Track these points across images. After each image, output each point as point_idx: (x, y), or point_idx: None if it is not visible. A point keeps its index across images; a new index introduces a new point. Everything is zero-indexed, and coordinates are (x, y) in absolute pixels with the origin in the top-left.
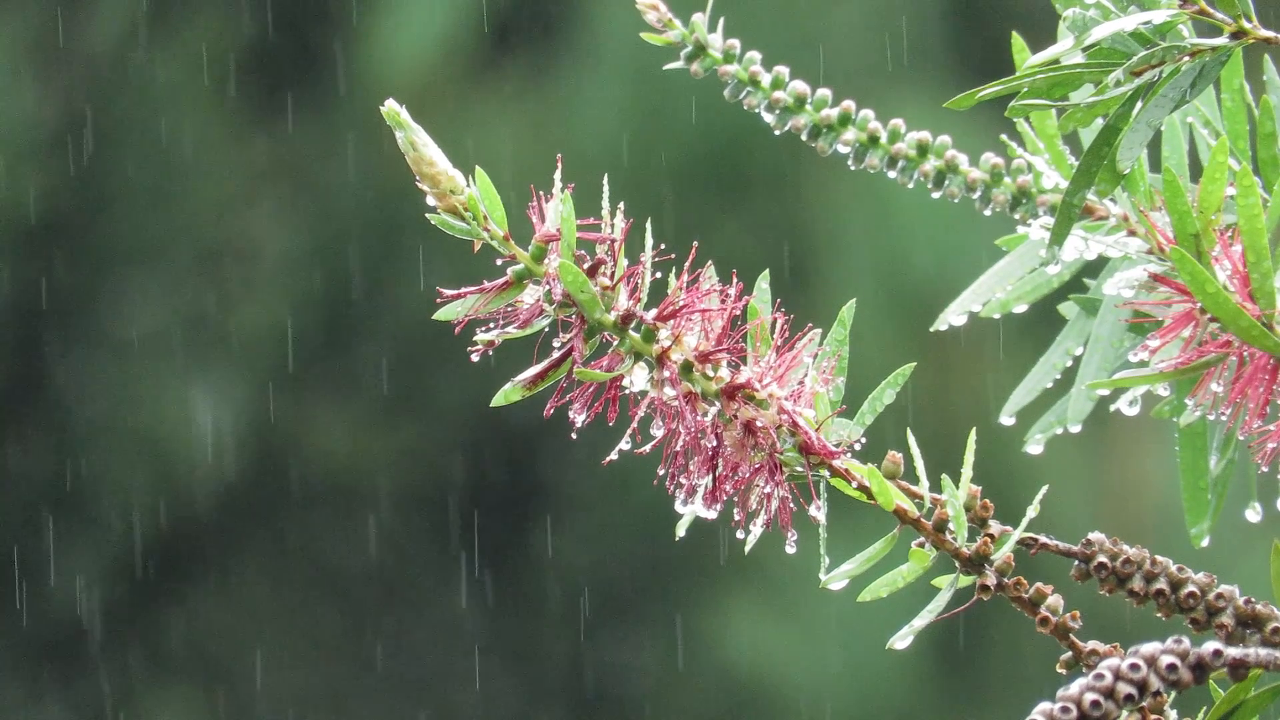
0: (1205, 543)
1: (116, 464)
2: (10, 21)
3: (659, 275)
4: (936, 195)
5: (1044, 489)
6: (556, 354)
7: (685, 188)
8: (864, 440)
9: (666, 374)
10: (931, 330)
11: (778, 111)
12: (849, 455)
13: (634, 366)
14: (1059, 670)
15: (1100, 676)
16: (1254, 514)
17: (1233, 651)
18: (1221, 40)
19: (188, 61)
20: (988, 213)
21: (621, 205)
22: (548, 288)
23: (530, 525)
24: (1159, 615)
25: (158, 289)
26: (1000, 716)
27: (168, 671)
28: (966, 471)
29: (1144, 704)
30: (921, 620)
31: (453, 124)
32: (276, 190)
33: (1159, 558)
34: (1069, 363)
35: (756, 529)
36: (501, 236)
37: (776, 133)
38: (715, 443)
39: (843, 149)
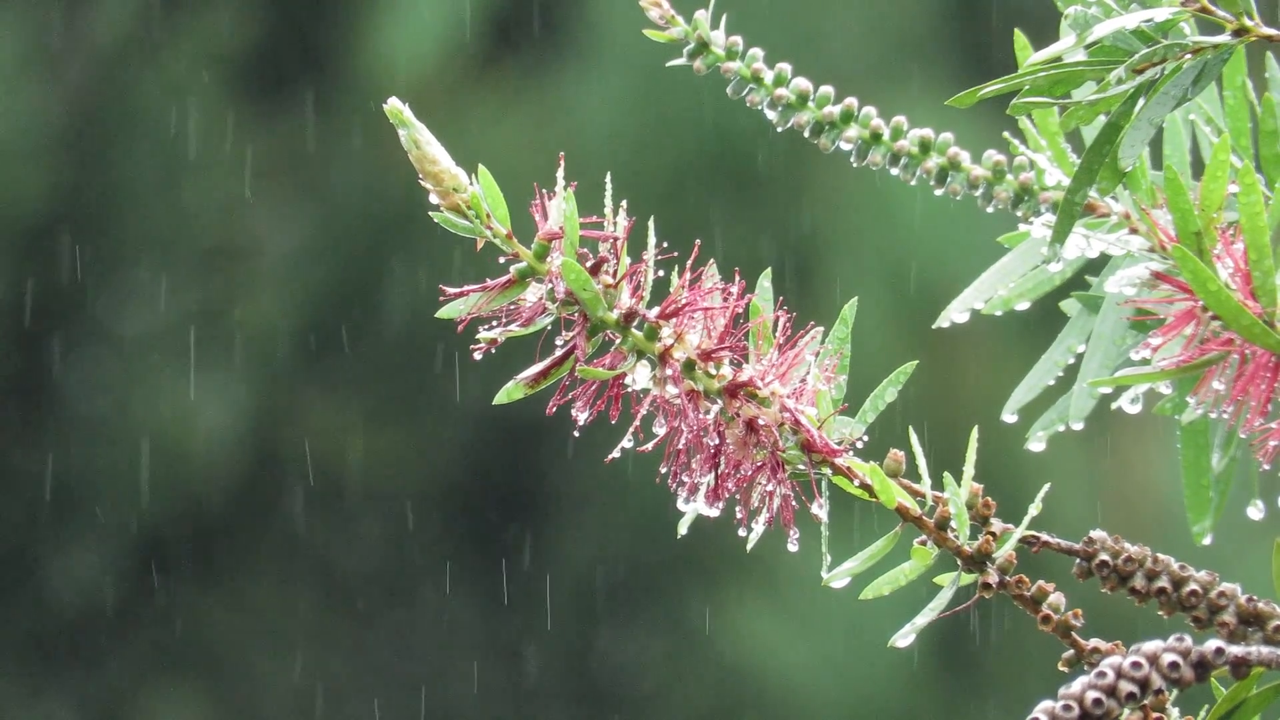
0: (1207, 540)
1: (118, 461)
2: (14, 19)
3: (661, 273)
4: (939, 192)
5: (1046, 487)
6: (559, 352)
7: (687, 185)
8: (866, 438)
9: (669, 372)
10: (934, 328)
11: (780, 108)
12: (851, 453)
13: (636, 364)
14: (1061, 668)
15: (1102, 674)
16: (1256, 512)
17: (1235, 649)
18: (1223, 38)
19: (191, 60)
20: (990, 210)
21: (624, 203)
22: (550, 286)
23: (532, 523)
24: (1161, 613)
25: (161, 287)
26: (1002, 715)
27: (169, 669)
28: (968, 469)
29: (1146, 702)
30: (923, 618)
31: (455, 122)
32: (279, 188)
33: (1161, 555)
34: (1071, 360)
35: (758, 527)
36: (504, 235)
37: (779, 130)
38: (717, 441)
39: (845, 146)
